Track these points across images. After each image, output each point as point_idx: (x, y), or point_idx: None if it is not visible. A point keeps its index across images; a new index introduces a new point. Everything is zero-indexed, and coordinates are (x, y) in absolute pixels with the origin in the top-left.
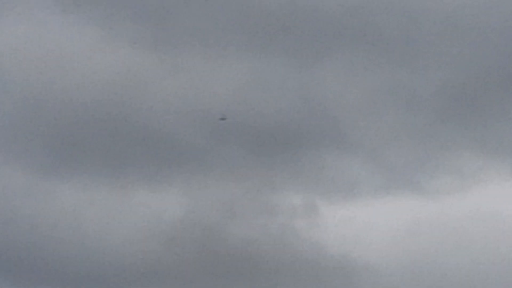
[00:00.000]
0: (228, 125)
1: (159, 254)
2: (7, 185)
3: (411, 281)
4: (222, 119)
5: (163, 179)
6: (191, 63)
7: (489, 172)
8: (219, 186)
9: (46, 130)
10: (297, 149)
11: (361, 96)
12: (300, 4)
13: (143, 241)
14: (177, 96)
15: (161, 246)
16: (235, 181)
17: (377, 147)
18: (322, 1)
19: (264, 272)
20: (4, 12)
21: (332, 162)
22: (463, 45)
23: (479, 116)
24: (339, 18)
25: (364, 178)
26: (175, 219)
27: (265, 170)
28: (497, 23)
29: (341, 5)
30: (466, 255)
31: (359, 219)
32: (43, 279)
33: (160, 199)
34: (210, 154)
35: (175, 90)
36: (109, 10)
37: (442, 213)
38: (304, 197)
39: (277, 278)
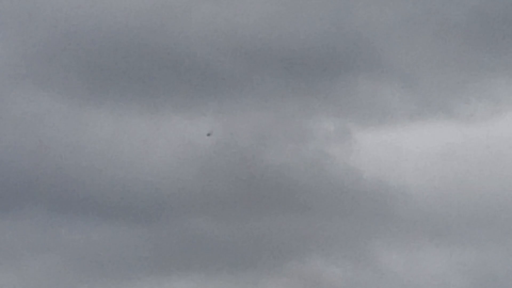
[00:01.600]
0: (261, 51)
1: (193, 182)
2: (41, 114)
3: (446, 205)
4: (208, 135)
5: (196, 106)
6: None
7: None
8: (252, 112)
9: (80, 58)
10: (330, 74)
11: (395, 20)
12: None
13: (177, 169)
14: (211, 23)
15: (194, 174)
16: (268, 107)
17: (411, 72)
18: None
19: (298, 198)
20: None
21: (365, 86)
22: None
23: None
24: None
25: (397, 103)
26: (208, 146)
27: (298, 96)
28: None
29: None
30: (500, 179)
31: (393, 144)
32: (77, 208)
33: (193, 126)
34: (243, 80)
35: (208, 17)
36: None
37: (475, 138)
38: (338, 122)
39: (311, 204)
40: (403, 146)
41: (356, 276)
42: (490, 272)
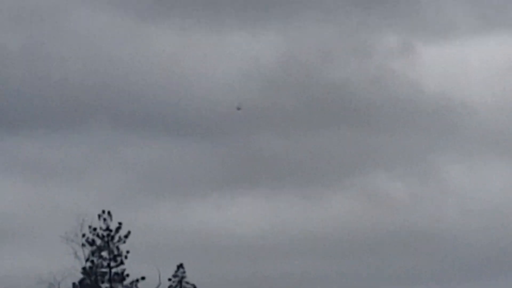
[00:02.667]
0: None
1: (257, 98)
2: (105, 31)
3: (507, 118)
4: (238, 109)
5: (260, 22)
6: None
7: None
8: (315, 28)
9: None
10: None
11: None
12: None
13: (241, 85)
14: None
15: (258, 90)
16: (331, 22)
17: None
18: None
19: (362, 113)
20: None
21: (429, 1)
22: None
23: None
24: None
25: (461, 17)
26: (272, 62)
27: (362, 11)
28: None
29: None
30: None
31: (457, 58)
32: (142, 125)
33: (257, 42)
34: None
35: None
36: None
37: None
38: (401, 37)
39: (374, 120)
40: (467, 60)
41: (419, 191)
42: None
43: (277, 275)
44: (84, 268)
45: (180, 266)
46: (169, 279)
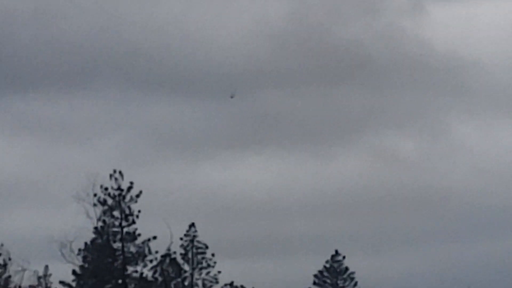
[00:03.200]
0: None
1: (266, 57)
2: None
3: None
4: (232, 97)
5: None
6: None
7: None
8: None
9: None
10: None
11: None
12: None
13: (250, 44)
14: None
15: (267, 49)
16: None
17: None
18: None
19: (372, 71)
20: None
21: None
22: None
23: None
24: None
25: None
26: (281, 20)
27: None
28: None
29: None
30: None
31: (467, 16)
32: (152, 85)
33: (265, 0)
34: None
35: None
36: None
37: None
38: None
39: (384, 78)
40: (477, 19)
41: (430, 149)
42: None
43: (288, 233)
44: (96, 228)
45: (192, 225)
46: (181, 238)
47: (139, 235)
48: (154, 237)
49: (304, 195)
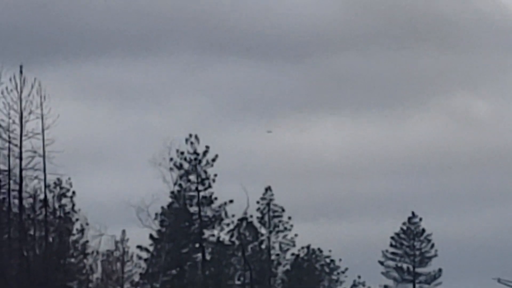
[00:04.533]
0: None
1: (338, 18)
2: None
3: None
4: (269, 132)
5: None
6: None
7: None
8: None
9: None
10: None
11: None
12: None
13: (320, 3)
14: None
15: (339, 9)
16: None
17: None
18: None
19: (445, 32)
20: None
21: None
22: None
23: None
24: None
25: None
26: None
27: None
28: None
29: None
30: None
31: None
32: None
33: None
34: None
35: None
36: None
37: None
38: None
39: (458, 39)
40: None
41: (503, 110)
42: None
43: (364, 195)
44: (172, 192)
45: (268, 188)
46: (257, 202)
47: (215, 199)
48: (231, 201)
49: (379, 157)
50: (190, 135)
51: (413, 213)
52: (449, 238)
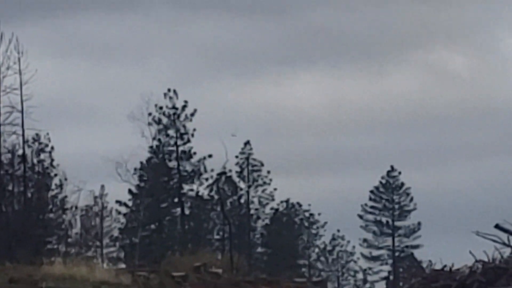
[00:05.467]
0: None
1: None
2: None
3: None
4: (233, 135)
5: None
6: None
7: None
8: None
9: None
10: None
11: None
12: None
13: None
14: None
15: None
16: None
17: None
18: None
19: None
20: None
21: None
22: None
23: None
24: None
25: None
26: None
27: None
28: None
29: None
30: None
31: None
32: (205, 4)
33: None
34: None
35: None
36: None
37: None
38: None
39: None
40: None
41: (480, 64)
42: None
43: (342, 149)
44: (151, 147)
45: (247, 143)
46: (236, 156)
47: (194, 153)
48: (210, 156)
49: (357, 111)
50: (169, 90)
51: (392, 167)
52: (428, 192)
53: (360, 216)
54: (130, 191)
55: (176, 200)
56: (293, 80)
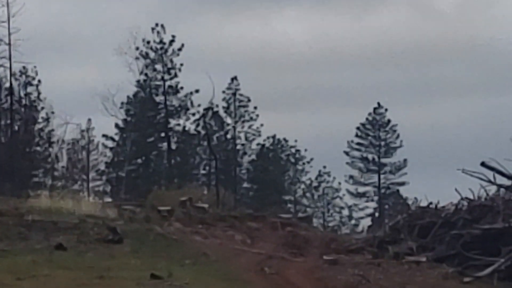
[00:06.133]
0: None
1: None
2: None
3: None
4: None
5: None
6: None
7: None
8: None
9: None
10: None
11: None
12: None
13: None
14: None
15: None
16: None
17: None
18: None
19: None
20: None
21: None
22: None
23: None
24: None
25: None
26: None
27: None
28: None
29: None
30: None
31: None
32: None
33: None
34: None
35: None
36: None
37: None
38: None
39: None
40: None
41: (467, 0)
42: None
43: (329, 86)
44: (138, 81)
45: (234, 78)
46: (223, 92)
47: (181, 88)
48: (197, 91)
49: (343, 47)
50: (156, 24)
51: (378, 103)
52: (414, 129)
53: (346, 153)
54: (116, 125)
55: (162, 134)
56: (280, 15)
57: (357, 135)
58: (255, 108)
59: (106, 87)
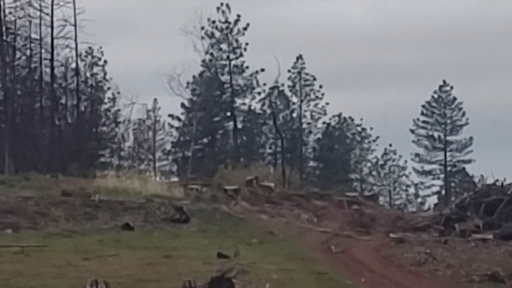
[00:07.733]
0: None
1: None
2: None
3: None
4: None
5: None
6: None
7: None
8: None
9: None
10: None
11: None
12: None
13: None
14: None
15: None
16: None
17: None
18: None
19: None
20: None
21: None
22: None
23: None
24: None
25: None
26: None
27: None
28: None
29: None
30: None
31: None
32: None
33: None
34: None
35: None
36: None
37: None
38: None
39: None
40: None
41: None
42: None
43: (395, 64)
44: (203, 61)
45: (299, 57)
46: (289, 71)
47: (247, 67)
48: (262, 70)
49: (410, 26)
50: (221, 4)
51: (444, 81)
52: (480, 106)
53: (412, 131)
54: (182, 105)
55: (228, 114)
56: None
57: (422, 113)
58: (321, 87)
59: (172, 67)
